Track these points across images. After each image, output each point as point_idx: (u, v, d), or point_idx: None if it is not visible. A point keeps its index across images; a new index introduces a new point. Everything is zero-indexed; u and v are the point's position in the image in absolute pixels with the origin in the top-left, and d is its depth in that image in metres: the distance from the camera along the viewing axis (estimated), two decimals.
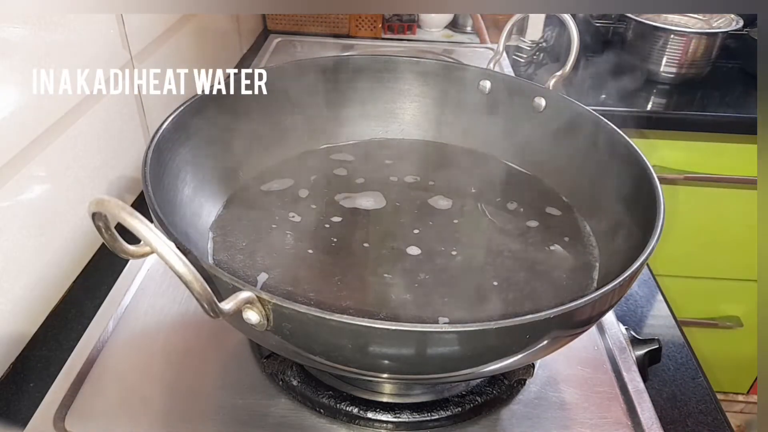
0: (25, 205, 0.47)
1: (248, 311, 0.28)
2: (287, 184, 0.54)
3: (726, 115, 0.96)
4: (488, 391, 0.41)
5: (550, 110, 0.52)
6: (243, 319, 0.28)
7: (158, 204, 0.35)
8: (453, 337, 0.28)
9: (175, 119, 0.44)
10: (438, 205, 0.52)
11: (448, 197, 0.53)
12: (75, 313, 0.50)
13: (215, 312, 0.26)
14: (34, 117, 0.47)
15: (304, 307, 0.27)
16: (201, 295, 0.25)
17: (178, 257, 0.24)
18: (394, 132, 0.61)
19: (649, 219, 0.37)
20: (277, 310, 0.28)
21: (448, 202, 0.53)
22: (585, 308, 0.30)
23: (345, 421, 0.40)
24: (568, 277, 0.45)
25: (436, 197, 0.53)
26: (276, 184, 0.53)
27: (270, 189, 0.53)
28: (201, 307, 0.26)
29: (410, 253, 0.47)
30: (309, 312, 0.27)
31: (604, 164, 0.48)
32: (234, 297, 0.27)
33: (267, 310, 0.28)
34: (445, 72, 0.58)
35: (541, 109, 0.52)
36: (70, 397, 0.40)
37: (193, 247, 0.43)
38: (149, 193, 0.35)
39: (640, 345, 0.46)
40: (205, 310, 0.26)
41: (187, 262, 0.25)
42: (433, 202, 0.53)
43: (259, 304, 0.28)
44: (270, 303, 0.28)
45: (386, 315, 0.41)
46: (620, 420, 0.41)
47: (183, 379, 0.42)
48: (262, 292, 0.28)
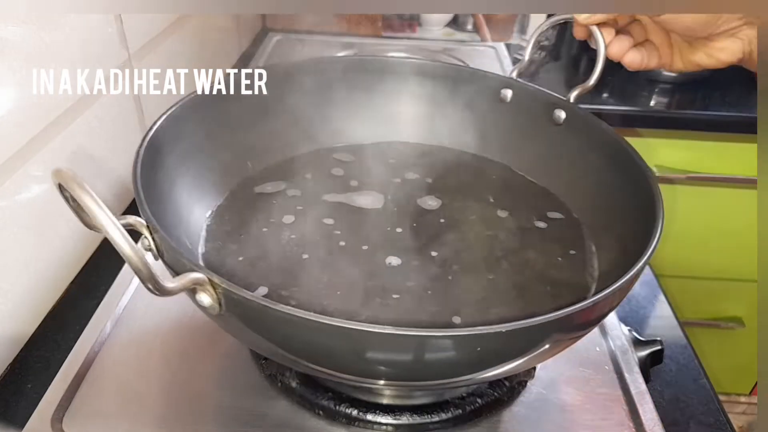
0: (23, 205, 0.47)
1: (201, 294, 0.29)
2: (282, 185, 0.53)
3: (728, 115, 0.96)
4: (489, 392, 0.41)
5: (569, 123, 0.51)
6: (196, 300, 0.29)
7: (146, 198, 0.35)
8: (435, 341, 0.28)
9: (169, 117, 0.44)
10: (427, 206, 0.52)
11: (447, 199, 0.53)
12: (73, 313, 0.50)
13: (158, 289, 0.26)
14: (33, 116, 0.47)
15: (250, 294, 0.28)
16: (140, 270, 0.25)
17: (118, 229, 0.25)
18: (406, 135, 0.61)
19: (650, 221, 0.37)
20: (227, 295, 0.28)
21: (437, 203, 0.52)
22: (586, 311, 0.30)
23: (344, 423, 0.39)
24: (568, 279, 0.45)
25: (427, 198, 0.53)
26: (270, 186, 0.53)
27: (264, 190, 0.52)
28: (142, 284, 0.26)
29: (407, 256, 0.46)
30: (254, 300, 0.27)
31: (605, 169, 0.47)
32: (183, 276, 0.28)
33: (218, 295, 0.29)
34: (466, 78, 0.57)
35: (560, 121, 0.52)
36: (68, 397, 0.40)
37: (184, 242, 0.43)
38: (138, 188, 0.35)
39: (643, 346, 0.46)
40: (146, 286, 0.26)
41: (128, 237, 0.25)
42: (429, 204, 0.52)
43: (210, 287, 0.29)
44: (220, 287, 0.28)
45: (368, 317, 0.40)
46: (622, 422, 0.40)
47: (181, 380, 0.42)
48: (214, 275, 0.28)
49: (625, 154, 0.44)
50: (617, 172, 0.46)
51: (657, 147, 0.98)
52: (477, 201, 0.53)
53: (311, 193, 0.53)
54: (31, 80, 0.46)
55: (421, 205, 0.52)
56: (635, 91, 1.01)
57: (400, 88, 0.59)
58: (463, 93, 0.58)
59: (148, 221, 0.33)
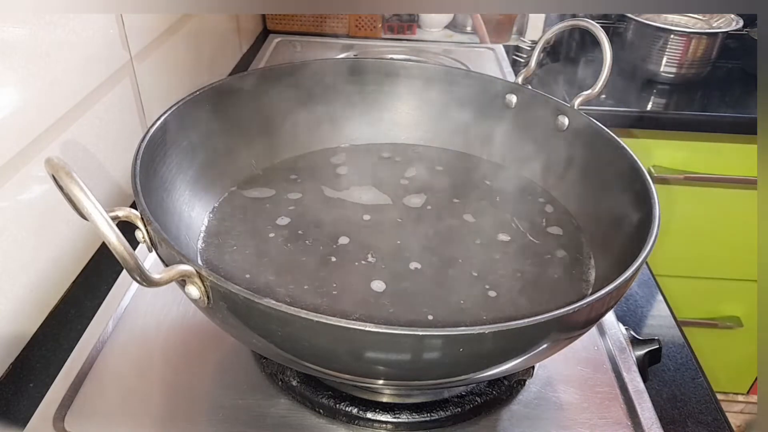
0: (25, 205, 0.47)
1: (189, 286, 0.29)
2: (282, 185, 0.53)
3: (726, 115, 0.96)
4: (488, 391, 0.41)
5: (572, 129, 0.52)
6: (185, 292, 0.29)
7: (142, 191, 0.35)
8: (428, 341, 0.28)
9: (171, 116, 0.44)
10: (427, 208, 0.52)
11: (447, 201, 0.53)
12: (75, 313, 0.50)
13: (144, 279, 0.27)
14: (34, 117, 0.47)
15: (236, 287, 0.28)
16: (125, 260, 0.26)
17: (103, 218, 0.25)
18: (407, 137, 0.61)
19: (646, 222, 0.37)
20: (214, 288, 0.29)
21: (437, 204, 0.53)
22: (584, 310, 0.30)
23: (344, 421, 0.40)
24: (567, 279, 0.45)
25: (427, 199, 0.53)
26: (270, 186, 0.53)
27: (264, 190, 0.53)
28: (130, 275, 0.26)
29: (405, 257, 0.46)
30: (240, 293, 0.28)
31: (606, 174, 0.48)
32: (171, 268, 0.28)
33: (206, 287, 0.29)
34: (472, 82, 0.58)
35: (564, 127, 0.52)
36: (70, 397, 0.40)
37: (184, 240, 0.43)
38: (135, 180, 0.36)
39: (640, 345, 0.46)
40: (132, 276, 0.26)
41: (114, 226, 0.25)
42: (429, 206, 0.53)
43: (198, 280, 0.29)
44: (208, 280, 0.29)
45: (361, 315, 0.40)
46: (620, 420, 0.41)
47: (182, 379, 0.42)
48: (202, 268, 0.29)
49: (626, 160, 0.45)
50: (617, 177, 0.46)
51: (655, 147, 0.99)
52: (478, 203, 0.53)
53: (311, 193, 0.53)
54: (33, 81, 0.46)
55: (421, 207, 0.52)
56: (633, 92, 1.02)
57: (405, 90, 0.59)
58: (468, 97, 0.58)
59: (142, 213, 0.33)
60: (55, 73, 0.49)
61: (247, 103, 0.53)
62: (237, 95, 0.52)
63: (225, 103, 0.51)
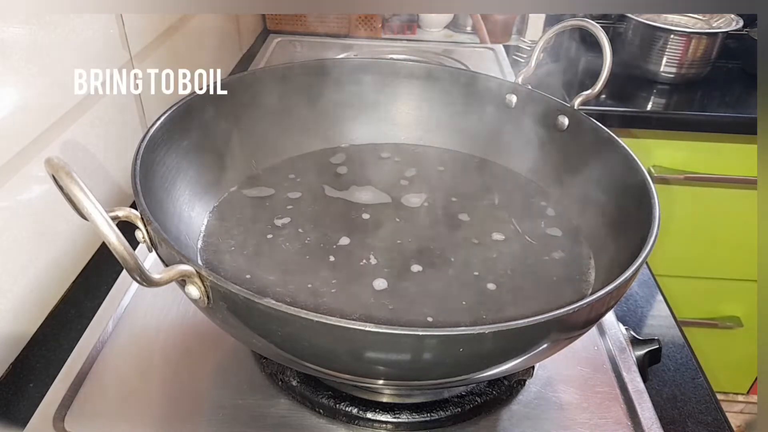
0: (25, 205, 0.47)
1: (190, 286, 0.29)
2: (282, 185, 0.53)
3: (726, 115, 0.96)
4: (488, 391, 0.41)
5: (572, 129, 0.52)
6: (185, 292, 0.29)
7: (143, 191, 0.36)
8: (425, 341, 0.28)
9: (170, 116, 0.44)
10: (426, 208, 0.52)
11: (447, 201, 0.53)
12: (75, 313, 0.50)
13: (144, 279, 0.27)
14: (34, 117, 0.47)
15: (236, 287, 0.28)
16: (125, 260, 0.26)
17: (103, 217, 0.25)
18: (408, 137, 0.61)
19: (646, 223, 0.37)
20: (214, 288, 0.29)
21: (437, 204, 0.53)
22: (584, 310, 0.30)
23: (344, 421, 0.40)
24: (565, 280, 0.45)
25: (427, 199, 0.53)
26: (270, 185, 0.53)
27: (264, 190, 0.53)
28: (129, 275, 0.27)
29: (405, 257, 0.46)
30: (240, 293, 0.28)
31: (606, 174, 0.48)
32: (171, 268, 0.28)
33: (206, 288, 0.29)
34: (473, 82, 0.58)
35: (563, 127, 0.52)
36: (70, 397, 0.40)
37: (184, 240, 0.43)
38: (135, 180, 0.36)
39: (640, 345, 0.46)
40: (132, 276, 0.26)
41: (114, 226, 0.25)
42: (428, 206, 0.53)
43: (198, 280, 0.29)
44: (208, 280, 0.29)
45: (361, 315, 0.40)
46: (620, 420, 0.41)
47: (182, 379, 0.42)
48: (202, 268, 0.29)
49: (625, 160, 0.45)
50: (617, 177, 0.46)
51: (655, 147, 0.99)
52: (478, 204, 0.53)
53: (311, 192, 0.53)
54: (33, 81, 0.46)
55: (421, 207, 0.52)
56: (633, 91, 1.02)
57: (405, 90, 0.59)
58: (467, 97, 0.58)
59: (142, 213, 0.33)
60: (55, 73, 0.49)
61: (247, 102, 0.53)
62: (237, 95, 0.52)
63: (225, 103, 0.51)
